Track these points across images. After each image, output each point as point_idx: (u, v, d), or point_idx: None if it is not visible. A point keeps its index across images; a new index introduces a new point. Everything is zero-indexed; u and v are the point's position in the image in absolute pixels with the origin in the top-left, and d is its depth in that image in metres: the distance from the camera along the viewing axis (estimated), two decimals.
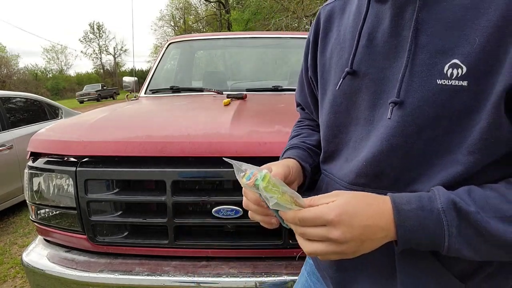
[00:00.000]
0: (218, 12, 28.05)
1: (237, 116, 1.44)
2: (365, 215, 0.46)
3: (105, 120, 1.51)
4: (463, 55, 0.46)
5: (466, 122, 0.47)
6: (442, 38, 0.48)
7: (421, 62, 0.49)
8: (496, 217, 0.43)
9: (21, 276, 2.50)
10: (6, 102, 3.87)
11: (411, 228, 0.45)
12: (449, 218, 0.44)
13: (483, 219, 0.43)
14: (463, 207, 0.44)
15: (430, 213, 0.45)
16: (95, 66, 54.03)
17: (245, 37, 2.71)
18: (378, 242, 0.47)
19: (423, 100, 0.49)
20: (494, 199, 0.45)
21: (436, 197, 0.46)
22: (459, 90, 0.46)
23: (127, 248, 1.27)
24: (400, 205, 0.47)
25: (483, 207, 0.44)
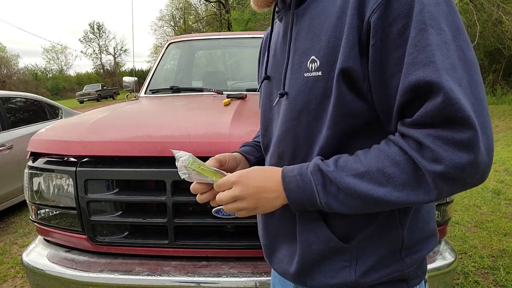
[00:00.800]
0: (218, 12, 28.05)
1: (237, 116, 1.44)
2: (258, 178, 0.61)
3: (105, 120, 1.51)
4: (316, 51, 0.60)
5: (326, 104, 0.59)
6: (305, 41, 0.62)
7: (295, 62, 0.64)
8: (350, 174, 0.54)
9: (21, 276, 2.49)
10: (6, 102, 3.87)
11: (294, 190, 0.58)
12: (315, 178, 0.57)
13: (340, 176, 0.55)
14: (324, 168, 0.56)
15: (304, 176, 0.58)
16: (95, 66, 54.02)
17: (245, 37, 2.71)
18: (273, 201, 0.61)
19: (297, 90, 0.62)
20: (351, 161, 0.56)
21: (309, 164, 0.59)
22: (316, 79, 0.59)
23: (127, 248, 1.27)
24: (286, 172, 0.60)
25: (342, 168, 0.56)
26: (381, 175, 0.52)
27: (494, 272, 2.23)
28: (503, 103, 10.17)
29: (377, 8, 0.51)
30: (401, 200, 0.51)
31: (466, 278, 2.17)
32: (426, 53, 0.48)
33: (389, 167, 0.52)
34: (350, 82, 0.56)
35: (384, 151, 0.54)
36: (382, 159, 0.53)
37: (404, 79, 0.50)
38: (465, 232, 2.77)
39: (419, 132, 0.50)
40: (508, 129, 6.85)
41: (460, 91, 0.47)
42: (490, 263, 2.32)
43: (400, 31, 0.50)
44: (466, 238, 2.67)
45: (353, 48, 0.54)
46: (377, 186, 0.52)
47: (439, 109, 0.47)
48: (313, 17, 0.62)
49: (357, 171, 0.54)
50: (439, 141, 0.48)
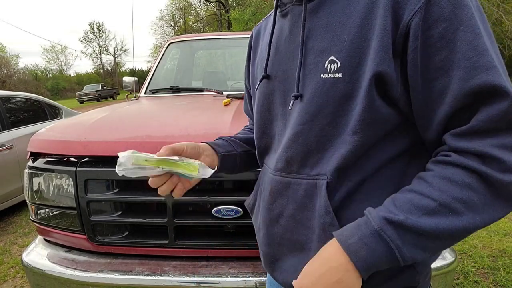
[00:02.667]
0: (218, 12, 28.05)
1: (237, 116, 1.44)
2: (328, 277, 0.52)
3: (105, 120, 1.51)
4: (337, 52, 0.56)
5: (346, 107, 0.56)
6: (322, 40, 0.58)
7: (310, 61, 0.60)
8: (423, 214, 0.49)
9: (21, 276, 2.49)
10: (6, 102, 3.87)
11: (365, 257, 0.50)
12: (389, 234, 0.49)
13: (414, 220, 0.48)
14: (394, 218, 0.49)
15: (372, 237, 0.50)
16: (95, 66, 54.02)
17: (245, 37, 2.70)
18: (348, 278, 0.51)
19: (313, 92, 0.58)
20: (415, 199, 0.50)
21: (370, 220, 0.51)
22: (336, 81, 0.56)
23: (127, 248, 1.27)
24: (343, 241, 0.52)
25: (410, 211, 0.49)
26: (458, 203, 0.48)
27: (494, 272, 2.23)
28: None
29: (418, 11, 0.50)
30: (486, 221, 0.48)
31: (466, 278, 2.17)
32: (487, 57, 0.47)
33: (462, 192, 0.48)
34: (382, 86, 0.53)
35: (446, 177, 0.49)
36: (450, 186, 0.49)
37: (463, 83, 0.48)
38: None
39: (480, 144, 0.47)
40: None
41: (508, 82, 0.47)
42: (490, 263, 2.32)
43: (441, 34, 0.49)
44: (466, 238, 2.67)
45: (387, 51, 0.52)
46: (458, 216, 0.48)
47: (505, 114, 0.46)
48: (331, 14, 0.58)
49: (429, 208, 0.49)
50: (507, 150, 0.46)
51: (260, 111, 0.73)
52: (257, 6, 15.58)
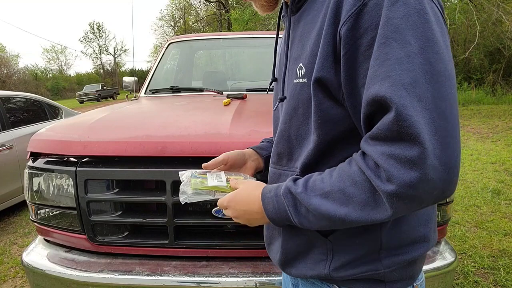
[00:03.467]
0: (218, 12, 28.03)
1: (237, 116, 1.44)
2: (243, 202, 0.68)
3: (105, 120, 1.51)
4: (303, 59, 0.63)
5: (310, 109, 0.62)
6: (297, 49, 0.66)
7: (289, 68, 0.69)
8: (317, 195, 0.57)
9: (21, 276, 2.49)
10: (6, 102, 3.87)
11: (271, 211, 0.63)
12: (287, 200, 0.61)
13: (307, 197, 0.58)
14: (293, 190, 0.60)
15: (279, 198, 0.62)
16: (95, 66, 53.97)
17: (245, 37, 2.71)
18: (261, 220, 0.67)
19: (290, 95, 0.67)
20: (319, 181, 0.58)
21: (282, 185, 0.63)
22: (303, 85, 0.63)
23: (127, 248, 1.27)
24: (264, 194, 0.65)
25: (311, 188, 0.58)
26: (342, 195, 0.54)
27: (494, 272, 2.23)
28: (503, 103, 10.17)
29: (348, 19, 0.53)
30: (362, 219, 0.53)
31: (466, 278, 2.17)
32: (384, 67, 0.48)
33: (349, 187, 0.53)
34: (325, 90, 0.58)
35: (346, 171, 0.55)
36: (344, 179, 0.54)
37: (365, 91, 0.51)
38: (465, 232, 2.77)
39: (375, 151, 0.50)
40: (508, 129, 6.85)
41: (418, 106, 0.46)
42: (490, 263, 2.32)
43: (369, 43, 0.51)
44: (466, 238, 2.67)
45: (327, 57, 0.56)
46: (339, 206, 0.54)
47: (391, 125, 0.47)
48: (305, 25, 0.65)
49: (323, 191, 0.56)
50: (392, 159, 0.47)
51: (273, 111, 0.83)
52: None
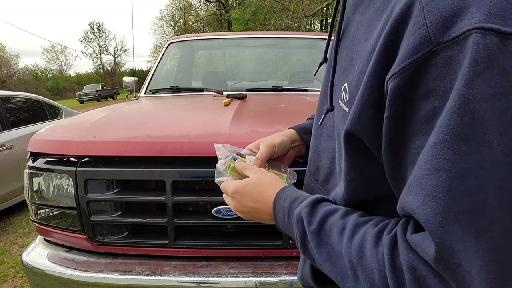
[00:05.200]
0: (218, 12, 28.04)
1: (237, 116, 1.44)
2: (252, 199, 0.58)
3: (105, 120, 1.51)
4: (349, 80, 0.45)
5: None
6: (345, 57, 0.49)
7: (337, 76, 0.52)
8: (329, 245, 0.45)
9: (21, 276, 2.49)
10: (6, 102, 3.87)
11: (280, 222, 0.54)
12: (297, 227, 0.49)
13: (318, 242, 0.46)
14: (305, 224, 0.48)
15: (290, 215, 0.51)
16: (95, 66, 54.00)
17: (245, 37, 2.71)
18: (268, 220, 0.58)
19: (333, 113, 0.53)
20: (336, 232, 0.45)
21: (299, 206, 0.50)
22: (345, 115, 0.45)
23: (127, 248, 1.27)
24: (278, 199, 0.55)
25: (326, 234, 0.46)
26: (352, 272, 0.41)
27: None
28: None
29: (400, 73, 0.34)
30: None
31: None
32: (434, 180, 0.32)
33: (362, 270, 0.40)
34: (360, 146, 0.43)
35: (368, 250, 0.40)
36: (362, 257, 0.40)
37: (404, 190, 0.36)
38: None
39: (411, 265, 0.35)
40: None
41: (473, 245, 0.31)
42: None
43: (429, 113, 0.33)
44: None
45: (366, 109, 0.40)
46: (343, 276, 0.43)
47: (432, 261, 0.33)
48: (360, 24, 0.46)
49: (335, 249, 0.44)
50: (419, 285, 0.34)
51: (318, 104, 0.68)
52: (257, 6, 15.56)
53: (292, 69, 2.66)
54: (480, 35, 0.29)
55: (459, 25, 0.31)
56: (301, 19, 13.59)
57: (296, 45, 2.68)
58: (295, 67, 2.74)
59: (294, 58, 2.81)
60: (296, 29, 13.73)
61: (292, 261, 1.20)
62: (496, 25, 0.29)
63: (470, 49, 0.30)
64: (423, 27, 0.32)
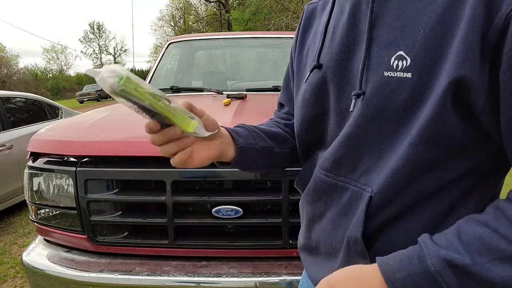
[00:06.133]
0: (218, 12, 28.04)
1: (237, 116, 1.44)
2: None
3: (105, 120, 1.51)
4: (407, 46, 0.46)
5: (411, 114, 0.46)
6: (391, 30, 0.48)
7: (374, 54, 0.50)
8: (495, 259, 0.39)
9: (21, 276, 2.49)
10: (6, 102, 3.87)
11: None
12: (446, 278, 0.40)
13: (483, 268, 0.39)
14: (457, 262, 0.40)
15: (424, 277, 0.41)
16: (95, 66, 53.88)
17: (245, 37, 2.71)
18: None
19: (373, 92, 0.49)
20: (488, 237, 0.40)
21: (426, 256, 0.42)
22: (404, 81, 0.46)
23: (127, 248, 1.27)
24: (391, 275, 0.43)
25: (479, 251, 0.40)
26: None
27: None
28: None
29: None
30: None
31: None
32: None
33: None
34: (460, 95, 0.42)
35: None
36: None
37: None
38: None
39: None
40: None
41: None
42: None
43: None
44: None
45: (473, 49, 0.40)
46: None
47: None
48: (401, 2, 0.48)
49: (505, 253, 0.39)
50: None
51: (307, 105, 0.63)
52: (257, 6, 15.57)
53: None
54: None
55: None
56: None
57: None
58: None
59: None
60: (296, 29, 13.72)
61: (292, 261, 1.20)
62: None
63: None
64: None
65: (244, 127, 0.69)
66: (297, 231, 1.22)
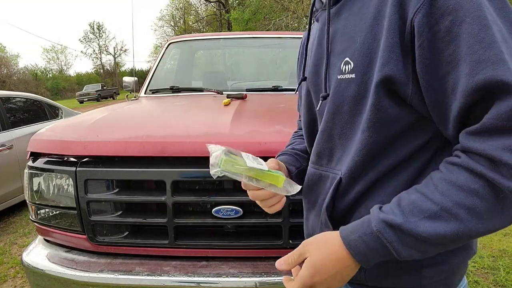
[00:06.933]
0: (218, 12, 28.04)
1: (237, 116, 1.44)
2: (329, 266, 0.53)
3: (105, 120, 1.51)
4: (351, 53, 0.58)
5: (358, 107, 0.58)
6: (341, 42, 0.61)
7: (331, 63, 0.63)
8: (424, 217, 0.48)
9: (21, 276, 2.49)
10: (6, 102, 3.87)
11: (364, 252, 0.52)
12: (386, 236, 0.50)
13: (414, 225, 0.48)
14: (392, 222, 0.49)
15: (371, 236, 0.51)
16: (95, 66, 53.94)
17: (245, 37, 2.71)
18: (353, 273, 0.55)
19: (332, 92, 0.62)
20: (418, 200, 0.50)
21: (371, 220, 0.52)
22: (350, 81, 0.58)
23: (127, 248, 1.27)
24: (346, 240, 0.53)
25: (411, 212, 0.49)
26: (461, 209, 0.46)
27: (494, 272, 2.23)
28: None
29: (421, 7, 0.49)
30: (490, 229, 0.47)
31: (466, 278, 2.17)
32: (494, 50, 0.44)
33: (467, 198, 0.46)
34: (391, 87, 0.53)
35: (452, 181, 0.48)
36: (455, 191, 0.47)
37: (469, 78, 0.46)
38: None
39: (491, 147, 0.44)
40: None
41: None
42: (490, 263, 2.32)
43: (447, 28, 0.48)
44: None
45: (393, 50, 0.52)
46: (459, 223, 0.46)
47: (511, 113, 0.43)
48: (348, 17, 0.61)
49: (430, 211, 0.48)
50: None
51: (304, 112, 0.77)
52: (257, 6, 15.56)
53: (292, 69, 2.65)
54: None
55: None
56: (301, 19, 13.59)
57: (296, 45, 2.67)
58: (295, 67, 2.73)
59: (294, 58, 2.79)
60: (296, 29, 13.73)
61: None
62: None
63: None
64: None
65: (287, 153, 0.84)
66: (297, 231, 1.23)
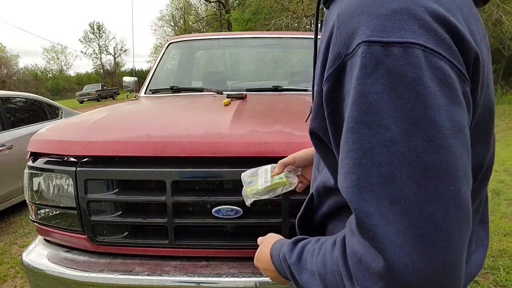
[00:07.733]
0: (218, 12, 28.03)
1: (237, 116, 1.44)
2: (263, 262, 0.68)
3: (105, 120, 1.51)
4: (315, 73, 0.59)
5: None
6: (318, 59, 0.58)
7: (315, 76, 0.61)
8: (306, 269, 0.53)
9: (21, 276, 2.49)
10: (6, 102, 3.87)
11: (278, 267, 0.62)
12: (284, 266, 0.59)
13: (299, 270, 0.55)
14: (288, 260, 0.57)
15: (280, 258, 0.60)
16: (95, 66, 53.90)
17: (245, 37, 2.71)
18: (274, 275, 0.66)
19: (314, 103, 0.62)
20: (310, 253, 0.54)
21: (282, 248, 0.60)
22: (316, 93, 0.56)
23: (127, 248, 1.27)
24: (272, 252, 0.65)
25: (304, 260, 0.54)
26: (322, 280, 0.48)
27: (494, 272, 2.23)
28: (503, 103, 10.18)
29: (329, 78, 0.45)
30: None
31: None
32: (348, 160, 0.40)
33: (328, 274, 0.47)
34: (321, 139, 0.53)
35: (328, 254, 0.48)
36: (324, 263, 0.48)
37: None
38: None
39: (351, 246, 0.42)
40: (508, 129, 6.85)
41: (389, 211, 0.36)
42: (490, 263, 2.32)
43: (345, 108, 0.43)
44: None
45: (319, 109, 0.50)
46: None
47: (357, 229, 0.40)
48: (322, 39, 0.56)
49: (311, 268, 0.52)
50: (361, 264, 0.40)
51: None
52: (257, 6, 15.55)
53: (292, 69, 2.66)
54: (366, 46, 0.39)
55: (355, 41, 0.41)
56: (301, 19, 13.59)
57: (296, 45, 2.68)
58: (295, 67, 2.73)
59: (294, 58, 2.80)
60: (296, 29, 13.73)
61: None
62: (379, 37, 0.38)
63: (359, 57, 0.40)
64: (337, 44, 0.44)
65: None
66: None
